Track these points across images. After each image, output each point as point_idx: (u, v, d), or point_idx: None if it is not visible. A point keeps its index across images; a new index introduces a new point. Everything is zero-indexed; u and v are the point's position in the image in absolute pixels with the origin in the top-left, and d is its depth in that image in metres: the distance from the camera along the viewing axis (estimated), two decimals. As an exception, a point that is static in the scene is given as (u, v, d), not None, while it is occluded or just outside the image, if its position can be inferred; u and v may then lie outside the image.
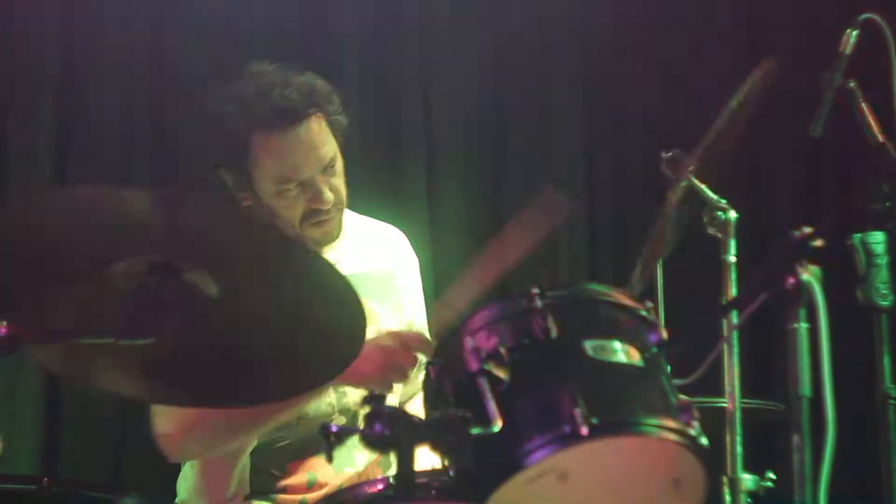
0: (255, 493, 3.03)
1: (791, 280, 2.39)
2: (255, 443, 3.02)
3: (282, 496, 3.03)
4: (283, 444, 3.04)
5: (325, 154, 3.02)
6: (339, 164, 3.07)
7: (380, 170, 4.48)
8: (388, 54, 4.60)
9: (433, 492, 2.28)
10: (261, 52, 3.32)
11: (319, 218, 3.04)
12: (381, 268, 3.22)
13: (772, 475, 2.79)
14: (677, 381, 2.37)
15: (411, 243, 3.39)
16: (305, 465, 3.04)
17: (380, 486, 2.51)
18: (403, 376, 2.85)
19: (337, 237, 3.13)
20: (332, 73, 3.19)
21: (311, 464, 3.04)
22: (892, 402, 2.74)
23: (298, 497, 3.02)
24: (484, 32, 4.63)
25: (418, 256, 3.40)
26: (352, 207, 3.22)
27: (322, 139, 3.02)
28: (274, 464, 3.04)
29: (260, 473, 3.04)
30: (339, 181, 3.06)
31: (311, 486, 3.02)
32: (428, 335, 3.33)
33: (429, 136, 4.60)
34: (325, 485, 3.02)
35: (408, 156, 4.59)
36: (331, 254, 3.08)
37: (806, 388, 2.38)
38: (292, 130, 2.98)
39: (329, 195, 3.02)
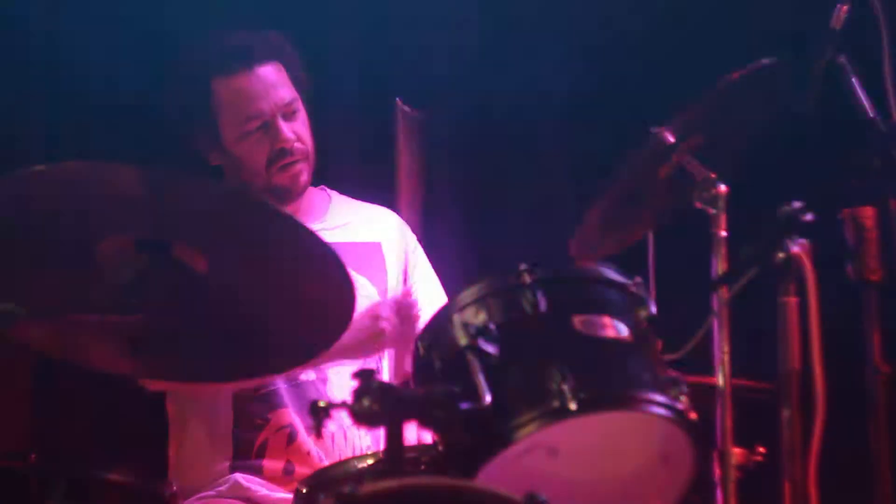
0: (238, 463, 3.06)
1: (781, 254, 2.39)
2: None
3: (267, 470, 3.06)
4: (265, 391, 3.08)
5: (284, 94, 3.17)
6: (304, 114, 3.21)
7: (377, 162, 4.45)
8: (381, 47, 4.58)
9: (422, 467, 2.28)
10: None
11: (284, 160, 3.16)
12: (364, 240, 3.28)
13: (761, 449, 2.79)
14: (667, 356, 2.37)
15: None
16: (285, 413, 3.07)
17: (369, 461, 2.51)
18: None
19: (306, 187, 3.23)
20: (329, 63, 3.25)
21: (291, 429, 3.07)
22: (881, 376, 2.74)
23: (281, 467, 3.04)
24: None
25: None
26: (349, 194, 3.37)
27: (280, 81, 3.18)
28: (255, 411, 3.08)
29: (241, 422, 3.08)
30: (303, 129, 3.20)
31: (288, 474, 3.03)
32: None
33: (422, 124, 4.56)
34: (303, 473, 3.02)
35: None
36: (316, 228, 3.09)
37: (795, 362, 2.37)
38: (250, 72, 3.15)
39: (289, 133, 3.15)
